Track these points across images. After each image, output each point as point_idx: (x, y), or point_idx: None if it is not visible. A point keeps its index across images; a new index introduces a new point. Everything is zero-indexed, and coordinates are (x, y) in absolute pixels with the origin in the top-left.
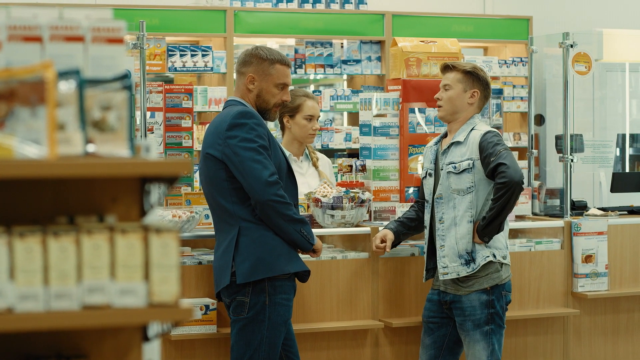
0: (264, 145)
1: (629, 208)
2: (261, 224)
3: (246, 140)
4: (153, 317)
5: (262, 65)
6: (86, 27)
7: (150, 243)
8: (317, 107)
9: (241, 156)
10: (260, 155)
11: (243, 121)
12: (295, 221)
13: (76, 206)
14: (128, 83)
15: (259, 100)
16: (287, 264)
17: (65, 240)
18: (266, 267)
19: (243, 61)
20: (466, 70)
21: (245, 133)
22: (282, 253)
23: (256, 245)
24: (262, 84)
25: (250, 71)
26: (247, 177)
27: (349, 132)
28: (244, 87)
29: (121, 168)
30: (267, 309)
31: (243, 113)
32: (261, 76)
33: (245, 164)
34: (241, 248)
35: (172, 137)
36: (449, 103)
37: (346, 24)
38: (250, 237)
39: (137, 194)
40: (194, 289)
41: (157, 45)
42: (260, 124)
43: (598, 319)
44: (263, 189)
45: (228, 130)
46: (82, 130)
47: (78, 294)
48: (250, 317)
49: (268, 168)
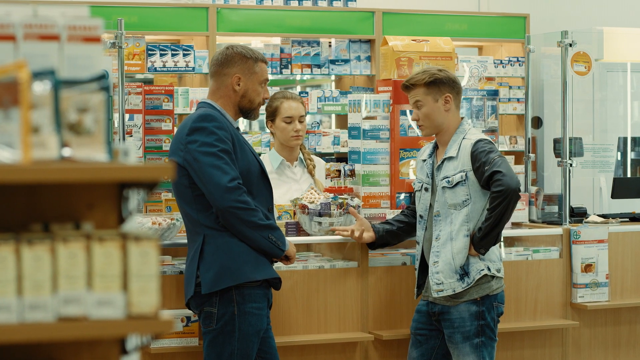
0: (225, 149)
1: (630, 215)
2: (225, 230)
3: (206, 145)
4: (132, 329)
5: (247, 64)
6: (62, 25)
7: (129, 252)
8: (298, 106)
9: (200, 162)
10: (220, 160)
11: (203, 125)
12: (259, 227)
13: (51, 213)
14: (105, 84)
15: (244, 101)
16: (253, 271)
17: (39, 249)
18: (231, 275)
19: (224, 61)
20: (427, 81)
21: (204, 137)
22: (248, 260)
23: (220, 253)
24: (248, 83)
25: (236, 71)
26: (206, 184)
27: (337, 135)
28: (228, 89)
29: (98, 173)
30: (237, 319)
31: (203, 116)
32: (246, 75)
33: (204, 170)
34: (206, 257)
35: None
36: (427, 120)
37: (334, 22)
38: (214, 245)
39: (115, 200)
40: (174, 300)
41: (136, 44)
42: (221, 127)
43: (598, 331)
44: (222, 195)
45: (188, 134)
46: (58, 133)
47: (53, 304)
48: (219, 328)
49: (228, 173)
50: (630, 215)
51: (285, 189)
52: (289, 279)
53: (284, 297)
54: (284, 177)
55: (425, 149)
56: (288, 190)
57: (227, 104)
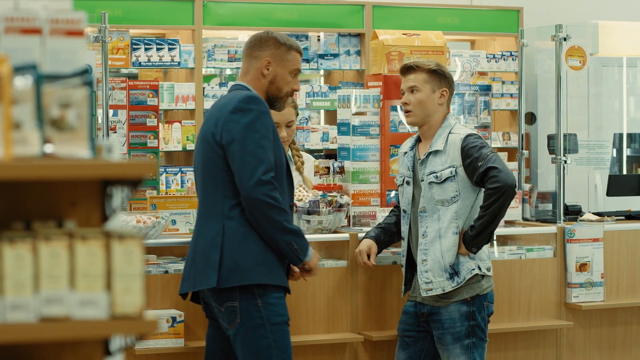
0: (267, 137)
1: (626, 213)
2: (247, 225)
3: (249, 129)
4: (115, 330)
5: (279, 50)
6: (44, 18)
7: (113, 250)
8: (285, 112)
9: (240, 144)
10: (259, 149)
11: (250, 107)
12: (284, 230)
13: (33, 211)
14: (89, 79)
15: (272, 87)
16: (264, 275)
17: (21, 248)
18: (240, 275)
19: (257, 44)
20: (432, 69)
21: (249, 120)
22: (263, 262)
23: (237, 249)
24: (278, 69)
25: (266, 55)
26: (240, 170)
27: (326, 131)
28: (257, 72)
29: (81, 170)
30: (262, 311)
31: (251, 98)
32: (277, 61)
33: (242, 155)
34: (225, 250)
35: (136, 137)
36: (419, 107)
37: (323, 15)
38: (234, 239)
39: (98, 197)
40: (159, 300)
41: (120, 38)
42: (267, 112)
43: (593, 331)
44: (253, 186)
45: (232, 113)
46: (40, 129)
47: (35, 305)
48: (247, 323)
49: (264, 164)
50: (625, 213)
51: None
52: None
53: None
54: None
55: (406, 142)
56: None
57: (256, 88)
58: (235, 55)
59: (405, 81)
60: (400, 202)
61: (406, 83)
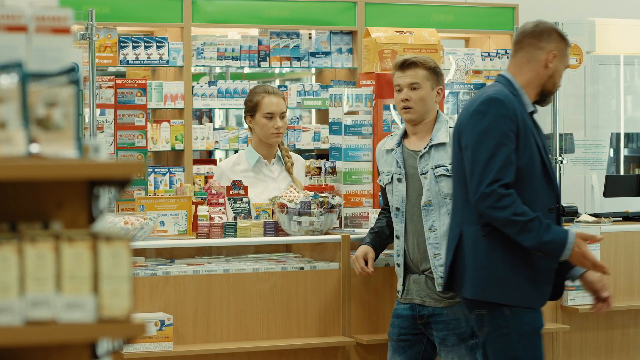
0: (500, 143)
1: (623, 214)
2: (487, 237)
3: (481, 134)
4: (103, 333)
5: (562, 45)
6: (29, 15)
7: (100, 252)
8: (279, 102)
9: (472, 152)
10: (491, 157)
11: (487, 109)
12: (527, 240)
13: (18, 212)
14: (75, 77)
15: (550, 82)
16: (522, 295)
17: (6, 249)
18: (494, 291)
19: (540, 34)
20: (432, 66)
21: (483, 125)
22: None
23: (483, 259)
24: (559, 65)
25: (553, 48)
26: (469, 180)
27: (318, 131)
28: (539, 64)
29: (68, 170)
30: (509, 320)
31: (492, 99)
32: (559, 56)
33: (472, 164)
34: (465, 258)
35: (124, 137)
36: (420, 104)
37: (314, 12)
38: (473, 249)
39: (85, 198)
40: (147, 303)
41: (108, 35)
42: (507, 115)
43: (590, 335)
44: (477, 200)
45: (471, 116)
46: (25, 128)
47: (20, 307)
48: (493, 331)
49: (491, 174)
50: (623, 215)
51: (262, 188)
52: (267, 281)
53: (262, 299)
54: (260, 175)
55: (386, 140)
56: (265, 189)
57: (533, 81)
58: (225, 53)
59: (404, 77)
60: (391, 200)
61: (405, 79)
